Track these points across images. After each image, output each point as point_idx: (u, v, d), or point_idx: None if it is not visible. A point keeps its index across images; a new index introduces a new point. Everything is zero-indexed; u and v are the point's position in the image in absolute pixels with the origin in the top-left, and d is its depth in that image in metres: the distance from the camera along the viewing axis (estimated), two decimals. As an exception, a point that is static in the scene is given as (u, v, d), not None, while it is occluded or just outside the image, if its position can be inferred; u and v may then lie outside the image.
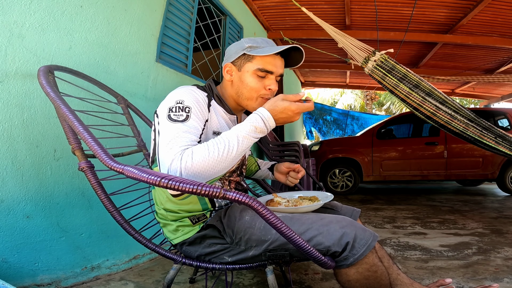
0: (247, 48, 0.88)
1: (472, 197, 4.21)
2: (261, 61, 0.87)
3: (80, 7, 1.38)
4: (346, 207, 1.06)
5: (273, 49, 0.86)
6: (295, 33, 4.21)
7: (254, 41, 0.89)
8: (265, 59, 0.88)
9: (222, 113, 0.93)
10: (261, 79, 0.89)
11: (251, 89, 0.89)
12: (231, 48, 0.93)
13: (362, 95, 14.60)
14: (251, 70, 0.88)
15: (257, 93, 0.90)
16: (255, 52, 0.86)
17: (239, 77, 0.90)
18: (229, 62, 0.92)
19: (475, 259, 1.66)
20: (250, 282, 1.37)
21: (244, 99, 0.92)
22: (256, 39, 0.90)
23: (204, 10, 2.68)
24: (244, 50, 0.88)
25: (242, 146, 0.75)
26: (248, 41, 0.89)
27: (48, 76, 0.96)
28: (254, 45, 0.88)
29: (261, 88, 0.89)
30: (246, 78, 0.89)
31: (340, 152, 4.88)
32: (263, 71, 0.88)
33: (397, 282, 0.86)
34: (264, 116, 0.77)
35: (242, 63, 0.90)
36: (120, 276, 1.42)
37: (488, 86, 6.43)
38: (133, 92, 1.70)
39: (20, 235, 1.13)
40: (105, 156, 0.68)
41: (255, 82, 0.89)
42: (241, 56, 0.89)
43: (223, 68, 0.93)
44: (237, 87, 0.92)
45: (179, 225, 0.90)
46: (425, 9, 3.45)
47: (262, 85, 0.89)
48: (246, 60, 0.89)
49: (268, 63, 0.88)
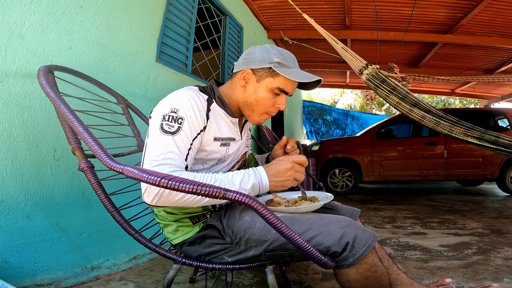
0: (275, 63, 0.85)
1: (472, 197, 4.21)
2: (284, 82, 0.86)
3: (80, 7, 1.38)
4: (346, 207, 1.06)
5: (301, 76, 0.85)
6: (295, 33, 4.21)
7: (283, 57, 0.86)
8: (288, 80, 0.86)
9: (224, 116, 0.91)
10: (275, 96, 0.88)
11: (262, 104, 0.88)
12: (256, 54, 0.87)
13: (362, 95, 14.60)
14: (270, 86, 0.86)
15: (265, 109, 0.89)
16: (283, 71, 0.84)
17: (255, 88, 0.87)
18: (250, 68, 0.87)
19: (475, 259, 1.66)
20: (250, 282, 1.37)
21: (249, 109, 0.90)
22: (285, 55, 0.87)
23: (204, 10, 2.68)
24: (272, 64, 0.85)
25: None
26: (278, 55, 0.86)
27: (48, 76, 0.96)
28: (283, 62, 0.85)
29: (271, 105, 0.89)
30: (262, 92, 0.87)
31: (340, 152, 4.88)
32: (281, 90, 0.87)
33: (397, 282, 0.86)
34: (262, 185, 0.78)
35: (264, 76, 0.86)
36: (120, 276, 1.42)
37: (488, 86, 6.43)
38: (133, 92, 1.70)
39: (20, 235, 1.13)
40: (105, 156, 0.68)
41: (269, 99, 0.87)
42: (266, 68, 0.86)
43: (241, 72, 0.88)
44: (248, 96, 0.89)
45: (179, 225, 0.90)
46: (425, 9, 3.46)
47: (273, 102, 0.88)
48: (269, 75, 0.86)
49: (289, 84, 0.87)
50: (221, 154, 0.90)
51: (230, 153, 0.94)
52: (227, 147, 0.91)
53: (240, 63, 0.90)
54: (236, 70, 0.92)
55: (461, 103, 14.25)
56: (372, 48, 4.58)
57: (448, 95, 7.80)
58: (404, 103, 2.29)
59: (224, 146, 0.90)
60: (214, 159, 0.90)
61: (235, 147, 0.95)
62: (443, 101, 14.58)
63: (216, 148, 0.88)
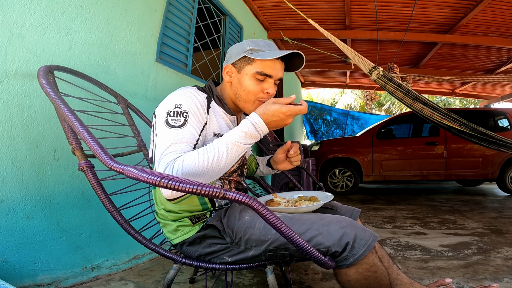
0: (248, 50, 0.87)
1: (472, 197, 4.21)
2: (261, 65, 0.87)
3: (80, 7, 1.38)
4: (346, 207, 1.06)
5: (273, 54, 0.85)
6: (295, 33, 4.21)
7: (256, 44, 0.89)
8: (265, 63, 0.87)
9: (222, 114, 0.93)
10: (260, 82, 0.89)
11: (249, 92, 0.89)
12: (233, 49, 0.92)
13: (362, 95, 14.59)
14: (250, 73, 0.88)
15: (255, 96, 0.90)
16: (256, 55, 0.86)
17: (238, 79, 0.90)
18: (230, 63, 0.92)
19: (475, 259, 1.66)
20: (250, 282, 1.37)
21: (241, 101, 0.92)
22: (258, 42, 0.90)
23: (204, 10, 2.68)
24: (245, 53, 0.87)
25: (232, 153, 0.76)
26: (250, 43, 0.89)
27: (48, 76, 0.96)
28: (256, 48, 0.88)
29: (259, 92, 0.89)
30: (245, 80, 0.89)
31: (340, 152, 4.88)
32: (262, 74, 0.87)
33: (397, 282, 0.86)
34: (255, 121, 0.78)
35: (242, 66, 0.89)
36: (120, 276, 1.42)
37: (488, 86, 6.43)
38: (133, 92, 1.70)
39: (20, 235, 1.13)
40: (105, 156, 0.68)
41: (254, 85, 0.89)
42: (241, 58, 0.89)
43: (223, 69, 0.93)
44: (235, 89, 0.91)
45: (179, 225, 0.90)
46: (425, 9, 3.46)
47: (260, 88, 0.89)
48: (246, 63, 0.89)
49: (267, 67, 0.87)
50: None
51: None
52: None
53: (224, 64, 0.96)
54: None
55: (461, 103, 14.24)
56: (372, 48, 4.58)
57: (448, 95, 7.80)
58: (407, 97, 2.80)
59: None
60: None
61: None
62: (443, 101, 14.57)
63: None
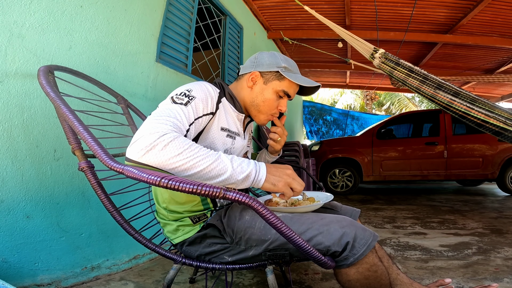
0: (282, 68, 0.92)
1: (472, 197, 4.21)
2: (288, 85, 0.93)
3: (80, 7, 1.38)
4: (346, 207, 1.06)
5: (304, 81, 0.92)
6: (295, 33, 4.21)
7: (288, 63, 0.94)
8: (292, 84, 0.94)
9: (231, 111, 0.94)
10: (279, 99, 0.95)
11: (268, 105, 0.94)
12: (265, 58, 0.95)
13: (362, 95, 14.60)
14: (277, 88, 0.93)
15: (271, 110, 0.95)
16: (289, 75, 0.91)
17: (262, 89, 0.94)
18: (258, 71, 0.94)
19: (475, 259, 1.66)
20: (250, 282, 1.37)
21: (256, 110, 0.96)
22: (290, 61, 0.95)
23: (204, 10, 2.69)
24: (279, 69, 0.92)
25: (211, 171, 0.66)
26: (284, 61, 0.94)
27: (48, 76, 0.96)
28: (289, 67, 0.93)
29: (275, 107, 0.95)
30: (268, 93, 0.93)
31: (340, 152, 4.88)
32: (285, 93, 0.93)
33: (397, 282, 0.86)
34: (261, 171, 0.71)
35: (271, 79, 0.93)
36: (120, 276, 1.42)
37: (488, 86, 6.44)
38: (133, 92, 1.70)
39: (20, 235, 1.13)
40: (105, 156, 0.68)
41: (274, 100, 0.94)
42: (273, 72, 0.93)
43: (249, 74, 0.95)
44: (255, 97, 0.95)
45: (179, 225, 0.90)
46: (425, 9, 3.46)
47: (277, 104, 0.95)
48: (276, 78, 0.93)
49: (291, 87, 0.94)
50: (227, 145, 0.92)
51: (236, 147, 0.95)
52: (233, 140, 0.93)
53: (247, 66, 0.97)
54: (242, 73, 0.98)
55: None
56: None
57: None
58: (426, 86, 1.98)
59: (230, 138, 0.92)
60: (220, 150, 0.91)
61: (239, 143, 0.97)
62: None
63: (222, 138, 0.89)
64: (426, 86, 1.98)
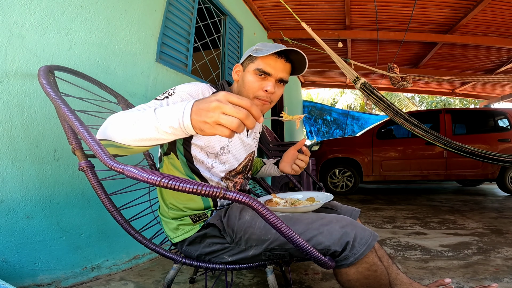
0: (254, 50, 0.92)
1: (472, 197, 4.21)
2: (261, 62, 0.91)
3: (80, 7, 1.38)
4: (346, 207, 1.06)
5: (271, 50, 0.88)
6: (295, 33, 4.21)
7: (263, 45, 0.93)
8: (266, 61, 0.90)
9: None
10: (260, 80, 0.91)
11: (248, 88, 0.92)
12: (245, 52, 0.98)
13: (362, 95, 14.57)
14: (251, 69, 0.92)
15: (253, 93, 0.92)
16: (258, 53, 0.90)
17: (242, 77, 0.95)
18: (239, 63, 0.98)
19: (475, 259, 1.66)
20: (250, 282, 1.37)
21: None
22: (266, 44, 0.94)
23: (204, 10, 2.69)
24: (251, 52, 0.92)
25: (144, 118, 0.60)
26: (258, 45, 0.94)
27: (48, 76, 0.96)
28: (261, 48, 0.92)
29: (258, 88, 0.91)
30: (247, 77, 0.93)
31: (340, 152, 4.88)
32: (261, 71, 0.90)
33: (396, 282, 0.86)
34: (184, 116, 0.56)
35: (247, 64, 0.95)
36: (120, 276, 1.42)
37: (488, 86, 6.43)
38: (133, 92, 1.70)
39: (20, 235, 1.13)
40: (105, 156, 0.68)
41: (253, 82, 0.91)
42: (247, 57, 0.95)
43: (233, 69, 1.00)
44: (240, 86, 0.96)
45: (179, 224, 0.90)
46: (425, 9, 3.46)
47: (259, 85, 0.91)
48: (249, 61, 0.94)
49: (267, 64, 0.90)
50: (224, 142, 0.93)
51: (234, 145, 0.96)
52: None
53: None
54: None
55: (461, 103, 14.22)
56: (372, 48, 4.58)
57: (448, 95, 7.79)
58: (389, 110, 2.82)
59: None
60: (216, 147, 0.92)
61: (238, 141, 0.98)
62: (443, 101, 14.55)
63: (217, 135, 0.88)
64: (389, 111, 2.82)
